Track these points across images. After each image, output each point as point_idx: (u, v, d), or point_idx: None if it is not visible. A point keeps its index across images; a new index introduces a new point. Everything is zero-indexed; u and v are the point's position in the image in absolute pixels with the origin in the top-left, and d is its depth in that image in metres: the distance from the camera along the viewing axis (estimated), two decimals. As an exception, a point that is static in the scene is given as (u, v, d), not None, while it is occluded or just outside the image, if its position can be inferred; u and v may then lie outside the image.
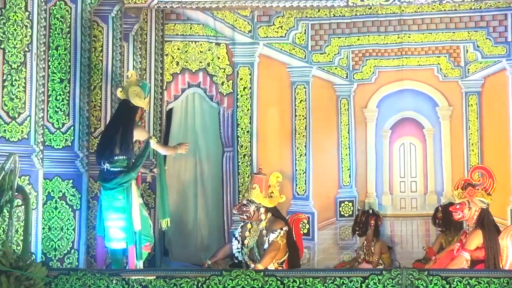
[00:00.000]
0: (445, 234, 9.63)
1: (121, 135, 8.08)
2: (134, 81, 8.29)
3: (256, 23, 10.62)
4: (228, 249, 8.87)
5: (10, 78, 7.46)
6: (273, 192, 8.74)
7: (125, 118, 8.19)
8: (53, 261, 8.10)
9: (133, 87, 8.20)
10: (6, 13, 7.47)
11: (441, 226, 9.63)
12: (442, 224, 9.58)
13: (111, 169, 8.05)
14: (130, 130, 8.10)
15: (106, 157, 8.07)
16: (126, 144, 8.04)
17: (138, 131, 8.17)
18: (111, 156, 8.04)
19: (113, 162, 8.04)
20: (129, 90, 8.20)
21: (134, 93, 8.17)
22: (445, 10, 10.36)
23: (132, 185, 8.04)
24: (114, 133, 8.11)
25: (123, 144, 8.04)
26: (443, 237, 9.61)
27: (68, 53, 8.35)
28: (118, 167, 8.04)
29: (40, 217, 7.69)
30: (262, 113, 10.63)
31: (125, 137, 8.06)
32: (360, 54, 10.65)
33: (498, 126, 10.28)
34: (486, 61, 10.40)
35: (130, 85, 8.24)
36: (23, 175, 7.36)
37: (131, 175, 8.01)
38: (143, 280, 7.02)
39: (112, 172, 8.04)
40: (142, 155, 8.16)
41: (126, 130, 8.11)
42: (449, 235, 9.54)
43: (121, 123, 8.16)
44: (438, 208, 9.79)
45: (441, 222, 9.59)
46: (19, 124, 7.48)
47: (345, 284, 6.90)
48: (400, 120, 10.55)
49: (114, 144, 8.06)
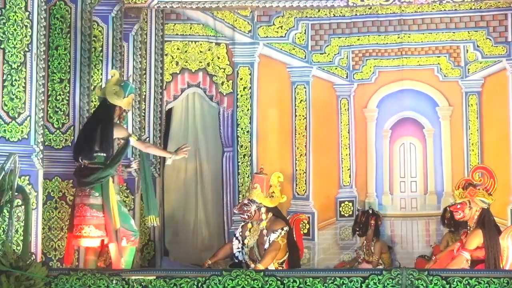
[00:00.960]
0: (452, 233, 9.62)
1: (101, 132, 8.04)
2: (115, 81, 8.24)
3: (256, 23, 10.62)
4: (228, 249, 8.86)
5: (10, 78, 7.45)
6: (274, 192, 8.74)
7: (103, 116, 8.15)
8: (53, 261, 8.10)
9: (112, 86, 8.19)
10: (6, 13, 7.46)
11: (450, 226, 9.62)
12: (451, 224, 9.57)
13: (89, 166, 8.00)
14: (111, 128, 8.08)
15: (85, 153, 8.03)
16: (106, 142, 8.02)
17: (117, 129, 8.14)
18: (90, 152, 8.01)
19: (92, 159, 8.01)
20: (107, 89, 8.21)
21: (112, 92, 8.13)
22: (445, 10, 10.36)
23: (109, 182, 8.03)
24: (93, 131, 8.07)
25: (103, 141, 8.02)
26: (450, 236, 9.60)
27: (68, 53, 8.34)
28: (96, 164, 8.01)
29: (40, 217, 7.67)
30: (262, 113, 10.63)
31: (106, 135, 8.04)
32: (360, 54, 10.65)
33: (498, 126, 10.28)
34: (486, 61, 10.40)
35: (109, 84, 8.25)
36: (23, 175, 7.35)
37: (109, 171, 7.98)
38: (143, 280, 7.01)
39: (90, 168, 8.00)
40: (121, 152, 8.12)
41: (106, 127, 8.08)
42: (456, 234, 9.52)
43: (99, 121, 8.11)
44: (446, 208, 9.77)
45: (450, 222, 9.57)
46: (19, 124, 7.47)
47: (345, 284, 6.90)
48: (400, 120, 10.55)
49: (93, 141, 8.02)
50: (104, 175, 7.95)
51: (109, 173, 7.98)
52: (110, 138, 8.04)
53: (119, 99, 8.12)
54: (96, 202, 7.98)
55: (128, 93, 8.20)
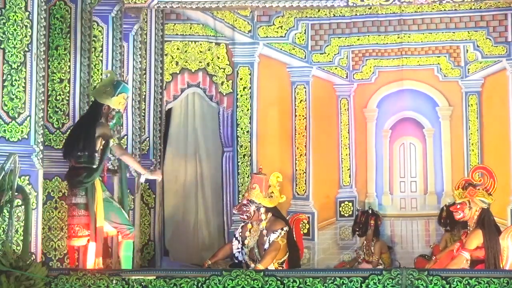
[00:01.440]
0: (450, 233, 9.63)
1: (84, 131, 7.98)
2: (108, 80, 8.22)
3: (256, 23, 10.62)
4: (228, 249, 8.86)
5: (10, 78, 7.44)
6: (273, 192, 8.73)
7: (89, 115, 8.11)
8: (53, 261, 8.09)
9: (104, 85, 8.16)
10: (6, 13, 7.46)
11: (446, 225, 9.63)
12: (447, 223, 9.58)
13: (76, 165, 7.94)
14: (93, 127, 7.97)
15: (69, 152, 7.98)
16: (87, 140, 7.92)
17: (100, 128, 8.05)
18: (73, 151, 7.95)
19: (77, 158, 7.92)
20: (97, 88, 8.20)
21: (102, 91, 8.09)
22: (445, 10, 10.37)
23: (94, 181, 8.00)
24: (78, 130, 8.04)
25: (85, 140, 7.93)
26: (449, 236, 9.62)
27: (68, 53, 8.34)
28: (82, 163, 7.91)
29: (40, 217, 7.66)
30: (262, 113, 10.63)
31: (87, 134, 7.97)
32: (360, 54, 10.65)
33: (498, 126, 10.29)
34: (486, 61, 10.40)
35: (101, 83, 8.23)
36: (23, 175, 7.34)
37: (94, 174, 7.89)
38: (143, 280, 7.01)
39: (76, 168, 7.94)
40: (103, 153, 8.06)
41: (89, 126, 8.00)
42: (455, 234, 9.54)
43: (85, 120, 8.08)
44: (443, 208, 9.80)
45: (446, 221, 9.59)
46: (19, 124, 7.47)
47: (345, 284, 6.90)
48: (400, 120, 10.55)
49: (76, 140, 7.96)
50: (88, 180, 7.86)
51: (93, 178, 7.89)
52: (91, 137, 7.91)
53: (108, 98, 8.03)
54: (82, 201, 7.91)
55: (119, 93, 8.09)
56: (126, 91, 8.21)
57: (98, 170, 7.90)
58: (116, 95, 8.05)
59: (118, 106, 8.15)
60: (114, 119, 8.10)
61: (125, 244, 8.12)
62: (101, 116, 8.02)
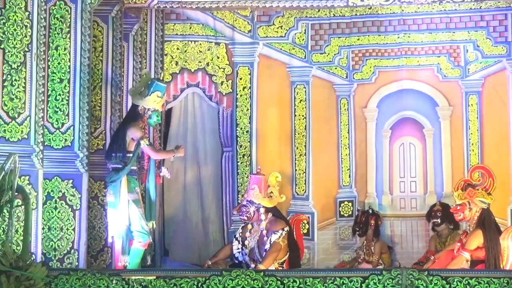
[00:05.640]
0: (437, 234, 9.69)
1: (117, 134, 8.31)
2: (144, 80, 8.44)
3: (256, 23, 10.62)
4: (228, 249, 8.87)
5: (10, 78, 7.45)
6: (273, 192, 8.74)
7: (127, 117, 8.46)
8: (53, 261, 8.10)
9: (139, 86, 8.37)
10: (6, 13, 7.47)
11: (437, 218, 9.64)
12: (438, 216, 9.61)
13: (111, 166, 8.29)
14: (123, 128, 8.27)
15: (106, 155, 8.36)
16: (117, 142, 8.25)
17: (131, 130, 8.21)
18: (108, 153, 8.32)
19: (110, 159, 8.27)
20: (133, 89, 8.41)
21: (137, 92, 8.31)
22: (445, 10, 10.36)
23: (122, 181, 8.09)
24: (116, 133, 8.43)
25: (115, 141, 8.29)
26: (436, 239, 9.68)
27: (68, 53, 8.34)
28: (115, 164, 8.24)
29: (40, 217, 7.68)
30: (262, 113, 10.63)
31: (118, 135, 8.29)
32: (360, 54, 10.64)
33: (498, 126, 10.28)
34: (486, 61, 10.40)
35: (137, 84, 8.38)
36: (23, 175, 7.36)
37: (119, 174, 8.16)
38: (143, 280, 7.02)
39: (111, 168, 8.28)
40: (133, 154, 8.19)
41: (121, 128, 8.32)
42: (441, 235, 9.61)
43: (123, 122, 8.44)
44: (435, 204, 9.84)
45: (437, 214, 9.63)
46: (19, 124, 7.48)
47: (345, 284, 6.91)
48: (400, 120, 10.55)
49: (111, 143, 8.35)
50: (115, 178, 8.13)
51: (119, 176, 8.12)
52: (121, 139, 8.19)
53: (141, 98, 8.23)
54: (110, 200, 8.22)
55: (152, 92, 8.26)
56: (159, 89, 8.32)
57: (124, 169, 8.08)
58: (149, 95, 8.20)
59: (153, 105, 8.30)
60: (151, 118, 8.26)
61: (135, 251, 8.17)
62: (137, 117, 8.17)
